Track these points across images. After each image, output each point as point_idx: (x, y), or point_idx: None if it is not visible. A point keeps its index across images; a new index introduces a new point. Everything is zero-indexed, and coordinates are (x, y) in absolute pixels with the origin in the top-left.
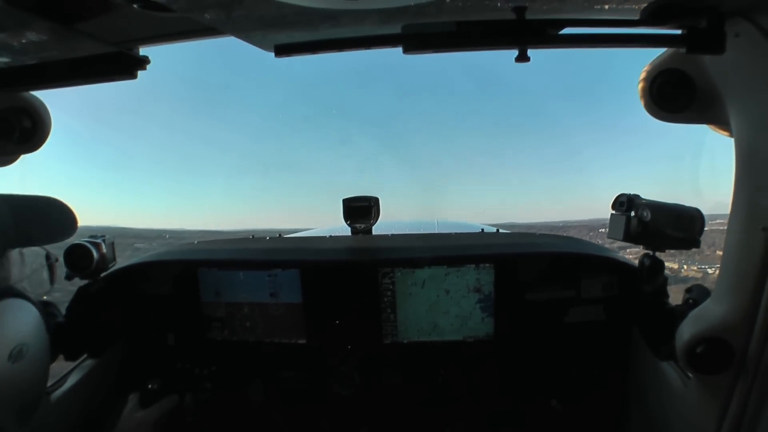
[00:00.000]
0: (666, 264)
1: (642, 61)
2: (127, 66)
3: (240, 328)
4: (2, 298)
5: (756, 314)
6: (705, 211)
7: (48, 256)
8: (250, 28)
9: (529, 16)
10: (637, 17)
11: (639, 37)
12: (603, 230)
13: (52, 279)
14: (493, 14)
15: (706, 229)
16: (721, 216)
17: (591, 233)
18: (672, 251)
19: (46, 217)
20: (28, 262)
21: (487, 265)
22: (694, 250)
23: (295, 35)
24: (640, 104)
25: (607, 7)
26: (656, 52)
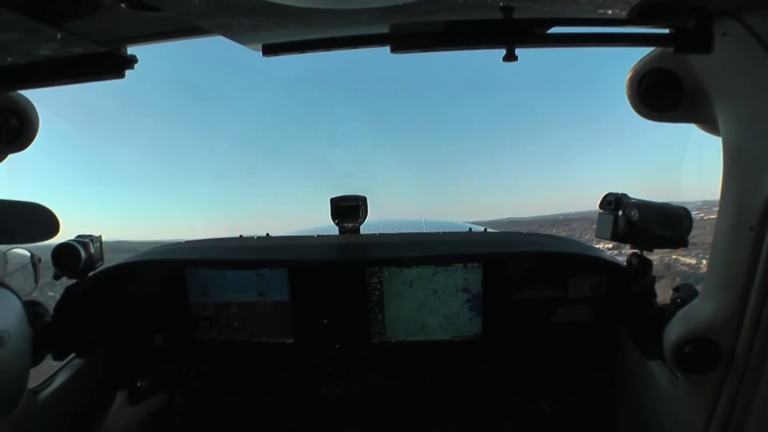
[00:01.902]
0: (684, 260)
1: (631, 59)
2: (115, 65)
3: (228, 328)
4: None
5: (743, 314)
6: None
7: (32, 257)
8: (237, 28)
9: (516, 15)
10: (625, 17)
11: (627, 37)
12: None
13: (36, 278)
14: (481, 14)
15: (711, 217)
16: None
17: (594, 226)
18: (689, 247)
19: (28, 219)
20: (12, 262)
21: (475, 264)
22: (708, 244)
23: (282, 34)
24: (628, 103)
25: (595, 7)
26: (645, 51)
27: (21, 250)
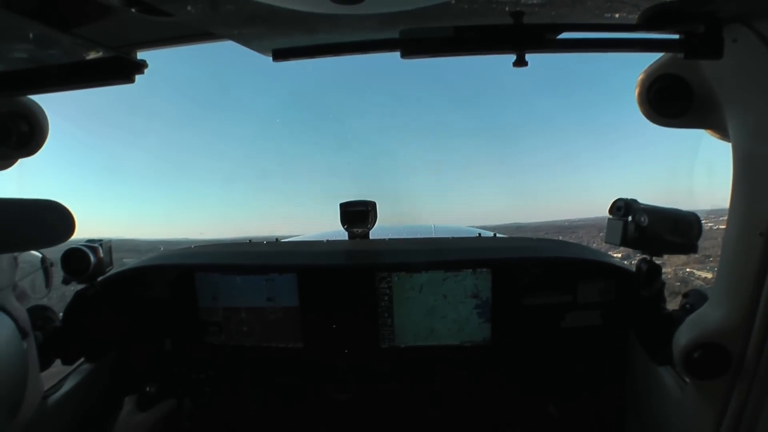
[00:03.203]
0: (699, 273)
1: (640, 65)
2: (124, 70)
3: (237, 333)
4: None
5: (753, 319)
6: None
7: (43, 260)
8: (248, 33)
9: (526, 20)
10: (635, 22)
11: (636, 42)
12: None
13: (47, 283)
14: (491, 19)
15: (721, 227)
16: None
17: (601, 234)
18: (703, 261)
19: (40, 221)
20: (23, 266)
21: (485, 269)
22: None
23: (293, 39)
24: (638, 109)
25: (604, 12)
26: (654, 57)
27: (32, 253)
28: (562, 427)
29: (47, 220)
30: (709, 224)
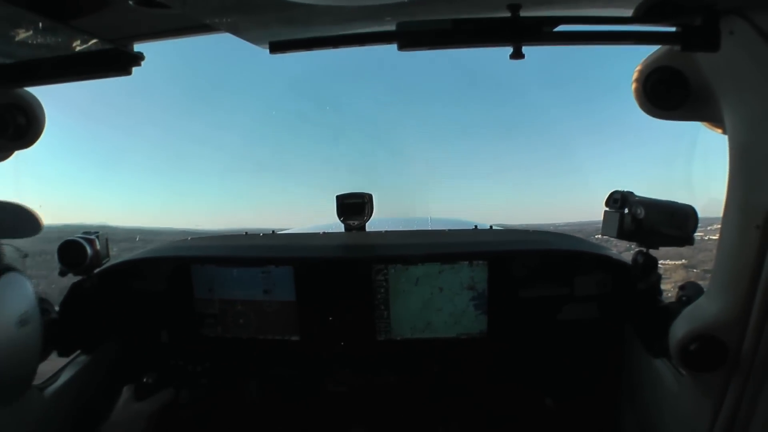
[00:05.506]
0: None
1: (637, 58)
2: (121, 62)
3: (233, 325)
4: (3, 273)
5: (749, 312)
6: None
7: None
8: (244, 25)
9: (523, 13)
10: (632, 15)
11: (634, 35)
12: (599, 236)
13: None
14: (488, 11)
15: (712, 238)
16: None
17: (589, 239)
18: (703, 277)
19: (11, 217)
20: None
21: (481, 262)
22: None
23: (290, 32)
24: (634, 102)
25: (601, 4)
26: (651, 49)
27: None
28: (558, 420)
29: (17, 217)
30: (699, 234)
